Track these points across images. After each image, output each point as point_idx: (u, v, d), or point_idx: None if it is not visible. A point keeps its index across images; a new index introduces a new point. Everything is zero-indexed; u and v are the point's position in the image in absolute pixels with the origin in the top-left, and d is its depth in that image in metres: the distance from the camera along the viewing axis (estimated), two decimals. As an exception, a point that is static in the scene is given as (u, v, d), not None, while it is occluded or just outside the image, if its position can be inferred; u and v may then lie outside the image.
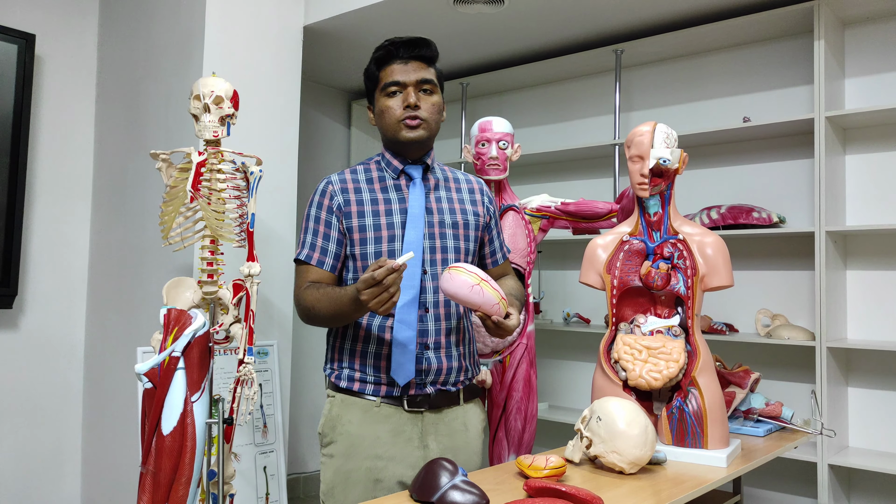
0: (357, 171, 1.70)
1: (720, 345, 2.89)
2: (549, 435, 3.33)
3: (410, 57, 1.63)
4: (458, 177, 1.78)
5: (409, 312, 1.58)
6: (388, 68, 1.64)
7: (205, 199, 1.82)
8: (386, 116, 1.64)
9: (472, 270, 1.46)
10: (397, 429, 1.60)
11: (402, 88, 1.62)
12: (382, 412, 1.60)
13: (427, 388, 1.61)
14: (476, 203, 1.76)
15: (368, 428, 1.59)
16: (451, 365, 1.64)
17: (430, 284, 1.61)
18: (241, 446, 2.52)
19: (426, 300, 1.61)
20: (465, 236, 1.69)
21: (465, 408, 1.69)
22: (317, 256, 1.63)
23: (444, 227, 1.66)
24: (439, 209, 1.68)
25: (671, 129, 1.68)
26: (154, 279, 2.63)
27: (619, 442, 1.39)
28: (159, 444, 1.57)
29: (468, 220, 1.71)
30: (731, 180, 2.99)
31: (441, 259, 1.64)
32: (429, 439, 1.61)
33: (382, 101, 1.64)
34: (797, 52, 2.85)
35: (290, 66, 2.89)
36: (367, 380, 1.61)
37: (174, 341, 1.63)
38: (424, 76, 1.63)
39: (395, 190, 1.67)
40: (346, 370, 1.64)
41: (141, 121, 2.81)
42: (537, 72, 3.45)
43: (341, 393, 1.64)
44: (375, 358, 1.61)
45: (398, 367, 1.58)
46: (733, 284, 1.64)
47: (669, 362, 1.57)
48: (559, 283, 3.48)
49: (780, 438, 1.82)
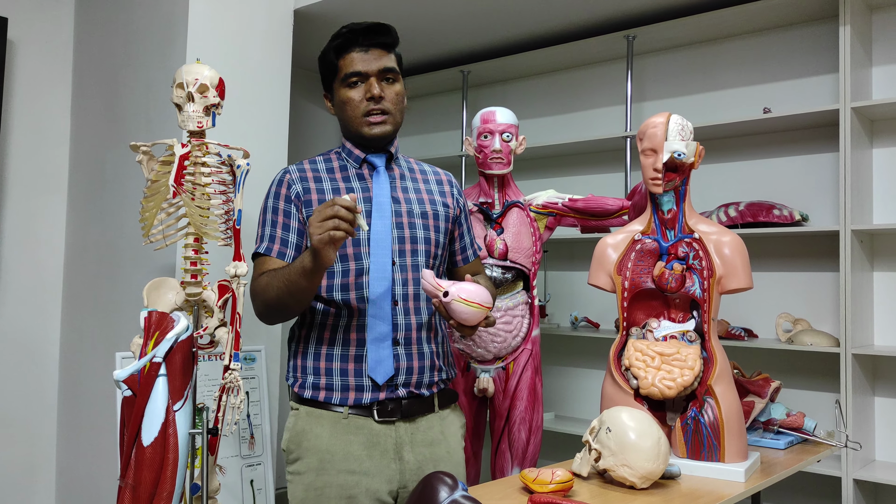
0: (316, 161, 1.72)
1: (738, 351, 2.89)
2: (555, 447, 3.33)
3: (371, 45, 1.64)
4: (425, 168, 1.80)
5: (383, 306, 1.59)
6: (348, 57, 1.64)
7: (188, 194, 1.82)
8: (347, 109, 1.65)
9: (477, 300, 1.50)
10: (370, 441, 1.59)
11: (364, 79, 1.63)
12: (352, 424, 1.60)
13: (399, 391, 1.61)
14: (445, 194, 1.77)
15: (339, 441, 1.59)
16: (423, 363, 1.64)
17: (399, 276, 1.62)
18: (226, 458, 2.52)
19: (395, 293, 1.61)
20: (436, 227, 1.70)
21: (441, 415, 1.69)
22: (276, 248, 1.63)
23: (413, 216, 1.67)
24: (407, 199, 1.68)
25: (686, 120, 1.68)
26: (134, 280, 2.63)
27: (629, 455, 1.39)
28: (139, 456, 1.57)
29: (437, 210, 1.72)
30: (750, 175, 2.99)
31: (410, 250, 1.64)
32: (404, 451, 1.61)
33: (343, 93, 1.65)
34: (821, 39, 2.85)
35: (280, 52, 2.89)
36: (334, 387, 1.61)
37: (155, 346, 1.63)
38: (387, 65, 1.64)
39: (358, 179, 1.68)
40: (311, 378, 1.63)
41: (120, 110, 2.81)
42: (543, 59, 3.45)
43: (306, 405, 1.64)
44: (343, 361, 1.60)
45: (376, 364, 1.58)
46: (752, 287, 1.64)
47: (684, 370, 1.57)
48: (566, 285, 3.48)
49: (802, 451, 1.82)
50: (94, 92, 2.96)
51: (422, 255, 1.67)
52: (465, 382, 2.37)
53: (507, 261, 2.35)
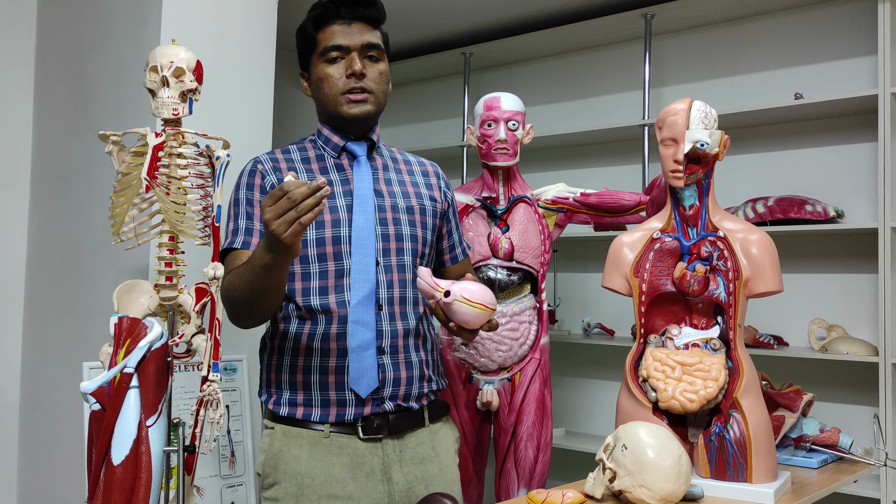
0: (290, 151, 1.71)
1: (767, 361, 2.89)
2: (565, 466, 3.33)
3: (354, 17, 1.62)
4: (409, 158, 1.80)
5: (366, 311, 1.58)
6: (328, 29, 1.63)
7: (163, 188, 1.82)
8: (325, 87, 1.63)
9: (481, 301, 1.49)
10: (354, 461, 1.59)
11: (345, 54, 1.62)
12: (334, 443, 1.59)
13: (385, 405, 1.60)
14: (432, 187, 1.76)
15: (319, 463, 1.58)
16: (411, 373, 1.63)
17: (384, 278, 1.61)
18: (204, 479, 2.52)
19: (380, 296, 1.60)
20: (423, 223, 1.69)
21: (432, 429, 1.69)
22: (241, 238, 1.61)
23: (398, 211, 1.66)
24: (390, 192, 1.67)
25: (710, 107, 1.68)
26: (103, 282, 2.63)
27: (648, 475, 1.39)
28: (109, 476, 1.57)
29: (424, 205, 1.71)
30: (780, 167, 2.99)
31: (395, 248, 1.64)
32: (392, 471, 1.60)
33: (321, 69, 1.63)
34: (858, 18, 2.85)
35: (264, 32, 2.88)
36: (313, 402, 1.60)
37: (126, 355, 1.63)
38: (370, 40, 1.63)
39: (337, 170, 1.67)
40: (287, 393, 1.63)
41: (88, 96, 2.81)
42: (553, 39, 3.45)
43: (282, 423, 1.63)
44: (323, 373, 1.59)
45: (358, 375, 1.57)
46: (783, 290, 1.64)
47: (707, 381, 1.57)
48: (578, 288, 3.48)
49: (837, 471, 1.83)
50: (59, 75, 2.96)
51: (408, 255, 1.66)
52: (467, 395, 2.37)
53: (513, 261, 2.36)
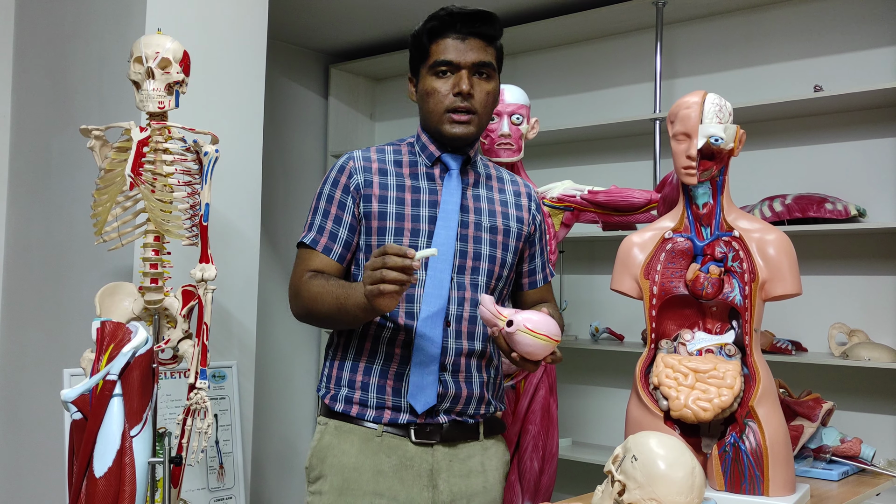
0: (385, 151, 1.76)
1: (785, 367, 2.89)
2: (572, 478, 3.33)
3: (469, 33, 1.67)
4: (504, 176, 1.85)
5: (434, 326, 1.63)
6: (442, 43, 1.67)
7: (148, 185, 1.83)
8: (431, 101, 1.68)
9: (545, 332, 1.51)
10: (403, 463, 1.64)
11: (455, 70, 1.66)
12: (385, 443, 1.64)
13: (440, 417, 1.66)
14: (521, 208, 1.81)
15: (368, 460, 1.63)
16: (471, 394, 1.68)
17: (455, 294, 1.66)
18: (191, 491, 2.52)
19: (449, 313, 1.65)
20: (504, 245, 1.74)
21: (485, 444, 1.74)
22: (324, 242, 1.68)
23: (481, 230, 1.71)
24: (476, 209, 1.73)
25: (725, 100, 1.68)
26: (85, 284, 2.63)
27: (659, 487, 1.39)
28: (91, 489, 1.57)
29: (510, 226, 1.76)
30: (798, 163, 2.98)
31: (471, 267, 1.69)
32: (439, 479, 1.65)
33: (429, 82, 1.69)
34: (881, 5, 2.85)
35: (255, 21, 2.88)
36: (369, 403, 1.65)
37: (109, 362, 1.63)
38: (483, 58, 1.67)
39: (427, 178, 1.72)
40: (345, 390, 1.68)
41: (69, 88, 2.81)
42: (559, 29, 3.45)
43: (335, 419, 1.68)
44: (382, 377, 1.65)
45: (417, 390, 1.62)
46: (801, 293, 1.64)
47: (722, 389, 1.57)
48: (585, 291, 3.48)
49: (859, 483, 1.82)
50: (39, 66, 2.96)
51: (483, 275, 1.70)
52: (469, 403, 2.36)
53: (517, 263, 2.35)
